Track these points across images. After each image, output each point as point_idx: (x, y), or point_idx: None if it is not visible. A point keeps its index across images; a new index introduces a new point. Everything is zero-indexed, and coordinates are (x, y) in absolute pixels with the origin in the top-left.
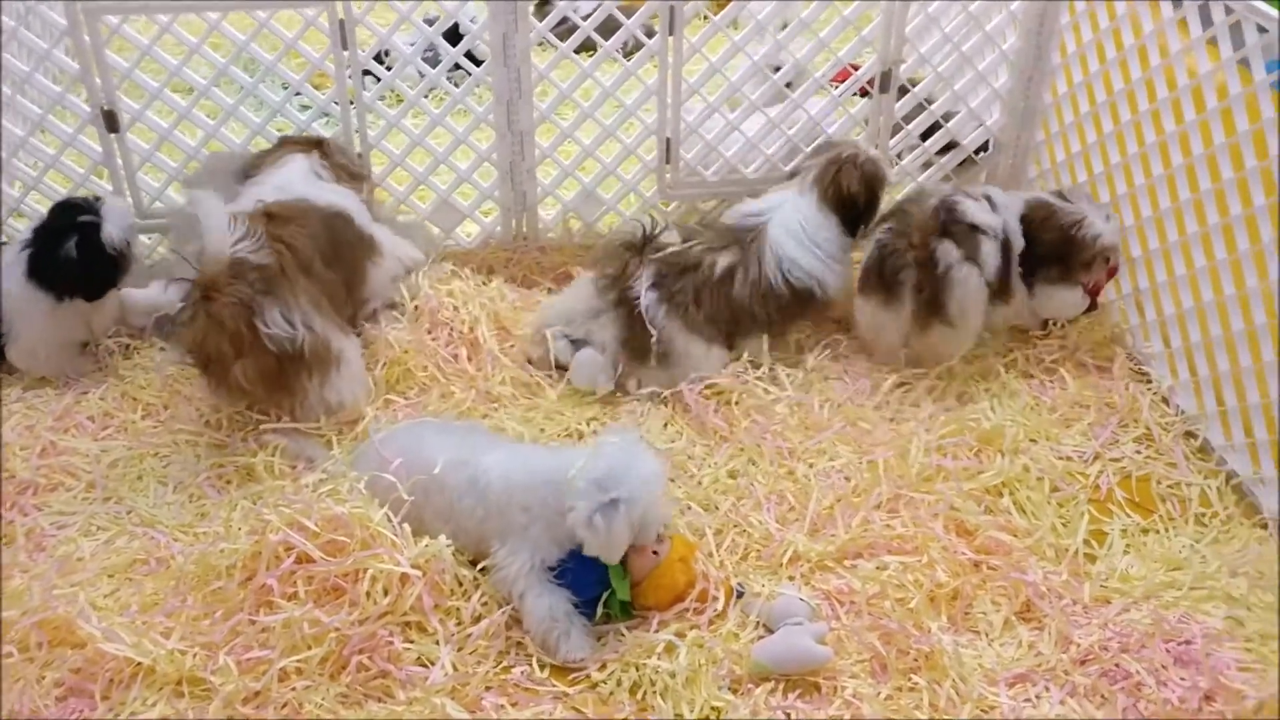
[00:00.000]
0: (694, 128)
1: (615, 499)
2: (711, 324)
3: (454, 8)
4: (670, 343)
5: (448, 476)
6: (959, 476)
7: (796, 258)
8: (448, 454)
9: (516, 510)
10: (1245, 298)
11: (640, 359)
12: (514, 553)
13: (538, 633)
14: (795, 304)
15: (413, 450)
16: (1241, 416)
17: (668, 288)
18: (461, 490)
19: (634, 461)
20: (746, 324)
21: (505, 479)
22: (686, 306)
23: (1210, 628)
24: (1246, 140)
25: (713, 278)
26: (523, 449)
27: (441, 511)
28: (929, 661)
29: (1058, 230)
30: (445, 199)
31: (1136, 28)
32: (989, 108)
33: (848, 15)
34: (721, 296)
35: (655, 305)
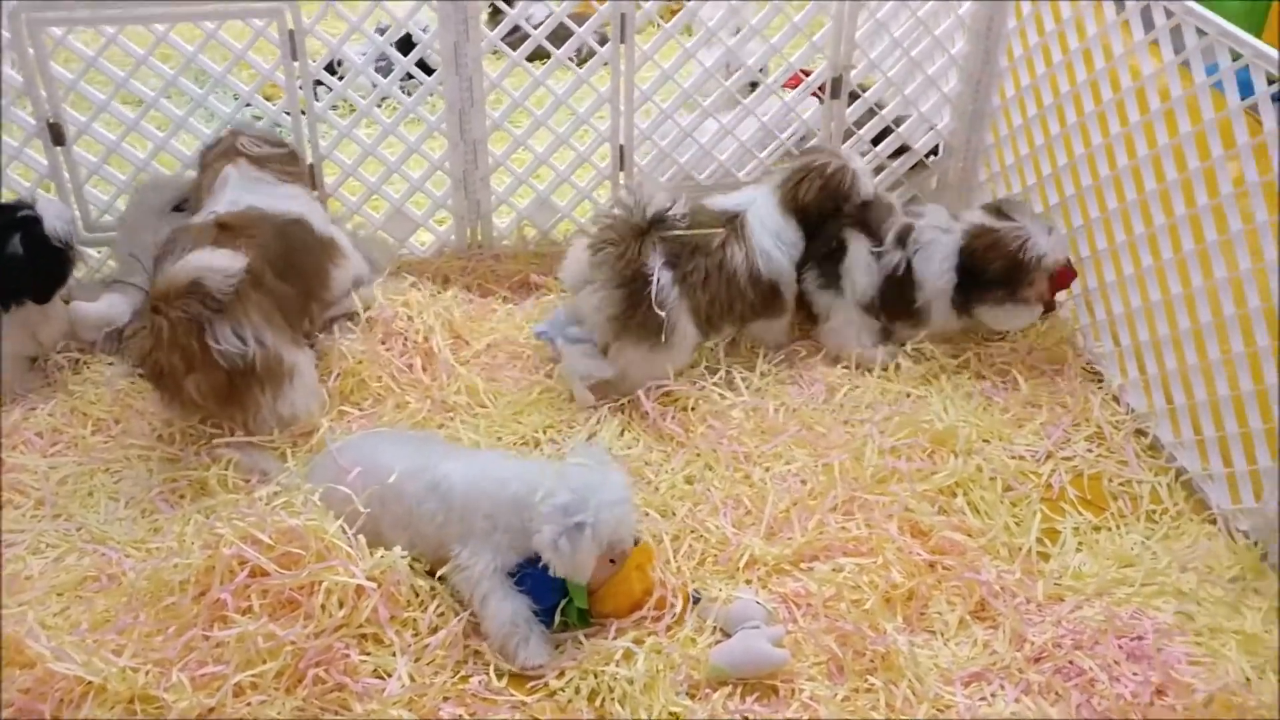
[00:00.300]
0: (647, 134)
1: (581, 523)
2: (711, 306)
3: (405, 16)
4: (675, 323)
5: (405, 484)
6: (913, 478)
7: (769, 251)
8: (404, 463)
9: (479, 516)
10: (1191, 297)
11: (628, 337)
12: (476, 554)
13: (498, 637)
14: (767, 295)
15: (369, 460)
16: (1190, 414)
17: (682, 269)
18: (421, 496)
19: (600, 484)
20: (736, 310)
21: (469, 485)
22: (696, 288)
23: (1161, 623)
24: (1189, 141)
25: (721, 260)
26: (485, 455)
27: (399, 519)
28: (885, 662)
29: (1003, 257)
30: (398, 208)
31: (1081, 31)
32: (939, 112)
33: (798, 21)
34: (724, 280)
35: (669, 286)
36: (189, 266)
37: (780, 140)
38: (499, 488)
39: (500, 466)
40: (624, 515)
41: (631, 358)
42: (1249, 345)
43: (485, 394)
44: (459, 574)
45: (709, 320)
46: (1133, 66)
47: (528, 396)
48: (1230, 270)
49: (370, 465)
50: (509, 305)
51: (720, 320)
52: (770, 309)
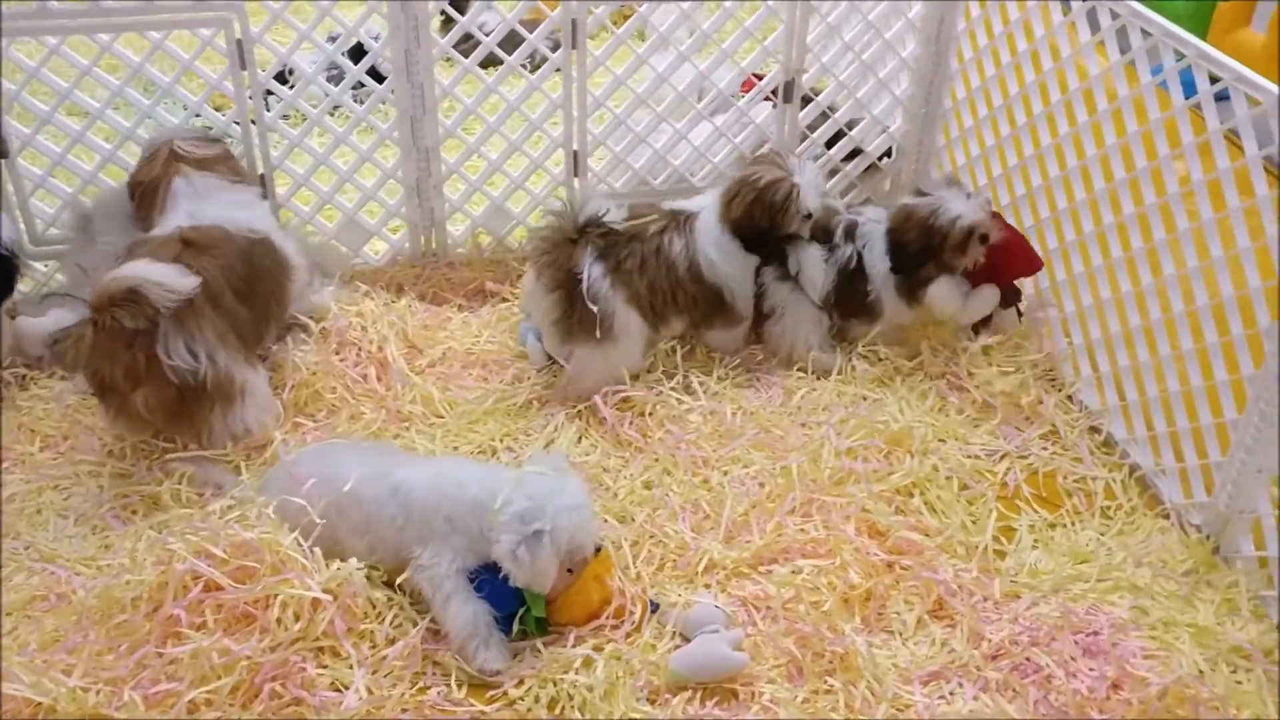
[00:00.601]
0: (601, 139)
1: (539, 530)
2: (651, 294)
3: (355, 24)
4: (612, 314)
5: (364, 490)
6: (870, 478)
7: (712, 257)
8: (362, 470)
9: (439, 518)
10: (1141, 294)
11: (573, 338)
12: (438, 554)
13: (458, 639)
14: (714, 300)
15: (325, 470)
16: (1142, 410)
17: (614, 257)
18: (381, 500)
19: (557, 491)
20: (679, 302)
21: (429, 488)
22: (633, 274)
23: (1116, 618)
24: (1136, 141)
25: (659, 246)
26: (444, 460)
27: (358, 525)
28: (844, 663)
29: (917, 227)
30: (351, 217)
31: (1029, 33)
32: (892, 114)
33: (749, 25)
34: (662, 266)
35: (599, 279)
36: (125, 275)
37: (734, 145)
38: (459, 490)
39: (460, 470)
40: (582, 522)
41: (581, 357)
42: (1198, 341)
43: (441, 403)
44: (422, 574)
45: (653, 308)
46: (1080, 67)
47: (483, 405)
48: (1178, 267)
49: (326, 475)
50: (464, 313)
51: (664, 308)
52: (720, 316)
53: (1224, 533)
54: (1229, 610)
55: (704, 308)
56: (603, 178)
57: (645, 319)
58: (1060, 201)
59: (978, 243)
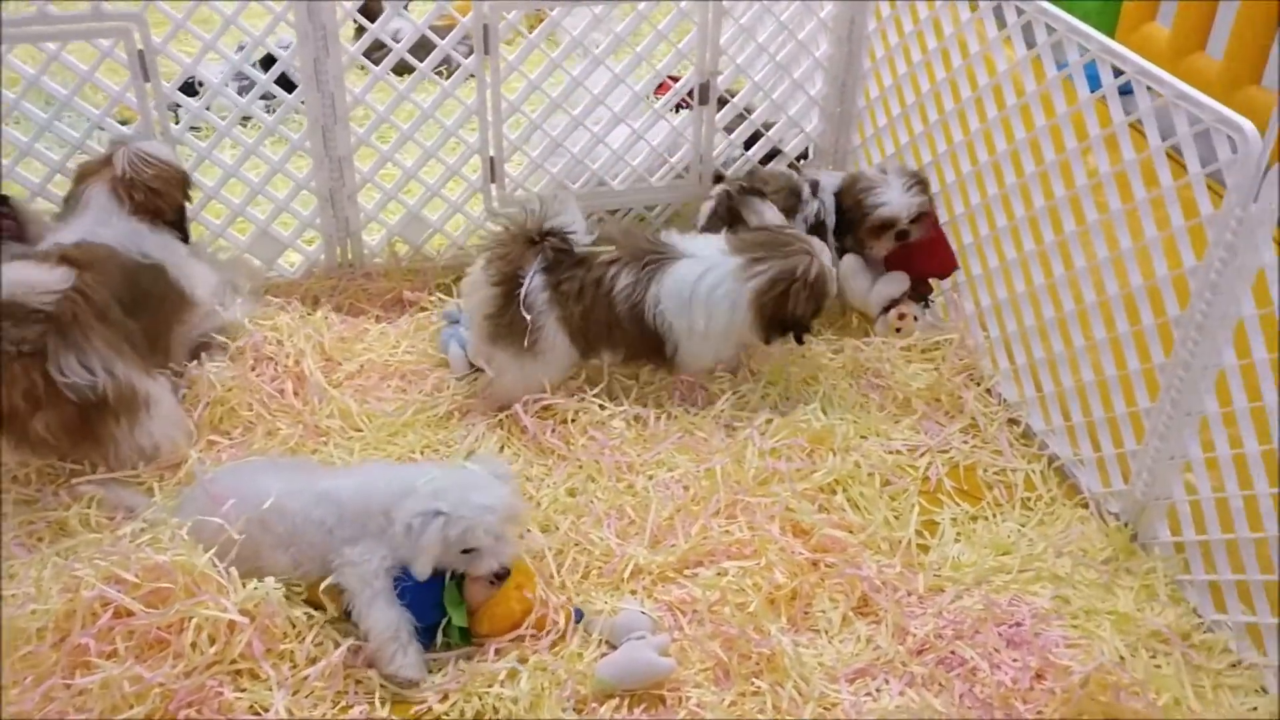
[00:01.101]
0: (518, 145)
1: (439, 510)
2: (585, 322)
3: (261, 33)
4: (541, 329)
5: (288, 502)
6: (793, 478)
7: (669, 311)
8: (283, 484)
9: (374, 514)
10: (1054, 286)
11: (499, 341)
12: (370, 551)
13: (377, 641)
14: (654, 345)
15: (244, 488)
16: (1059, 401)
17: (557, 275)
18: (308, 507)
19: (477, 486)
20: (614, 338)
21: (360, 487)
22: (570, 299)
23: (1038, 608)
24: (1045, 135)
25: (600, 278)
26: (372, 465)
27: (282, 538)
28: (770, 664)
29: (853, 197)
30: (264, 229)
31: (939, 31)
32: (807, 114)
33: (662, 29)
34: (600, 299)
35: (539, 290)
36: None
37: (651, 148)
38: (392, 482)
39: (392, 469)
40: (486, 522)
41: (502, 362)
42: (1111, 331)
43: (359, 416)
44: (351, 571)
45: (585, 337)
46: (989, 64)
47: (402, 417)
48: (1089, 259)
49: (246, 492)
50: (382, 324)
51: (598, 342)
52: (656, 357)
53: (1141, 520)
54: (1147, 596)
55: (638, 346)
56: (520, 183)
57: (574, 343)
58: (974, 197)
59: (892, 236)
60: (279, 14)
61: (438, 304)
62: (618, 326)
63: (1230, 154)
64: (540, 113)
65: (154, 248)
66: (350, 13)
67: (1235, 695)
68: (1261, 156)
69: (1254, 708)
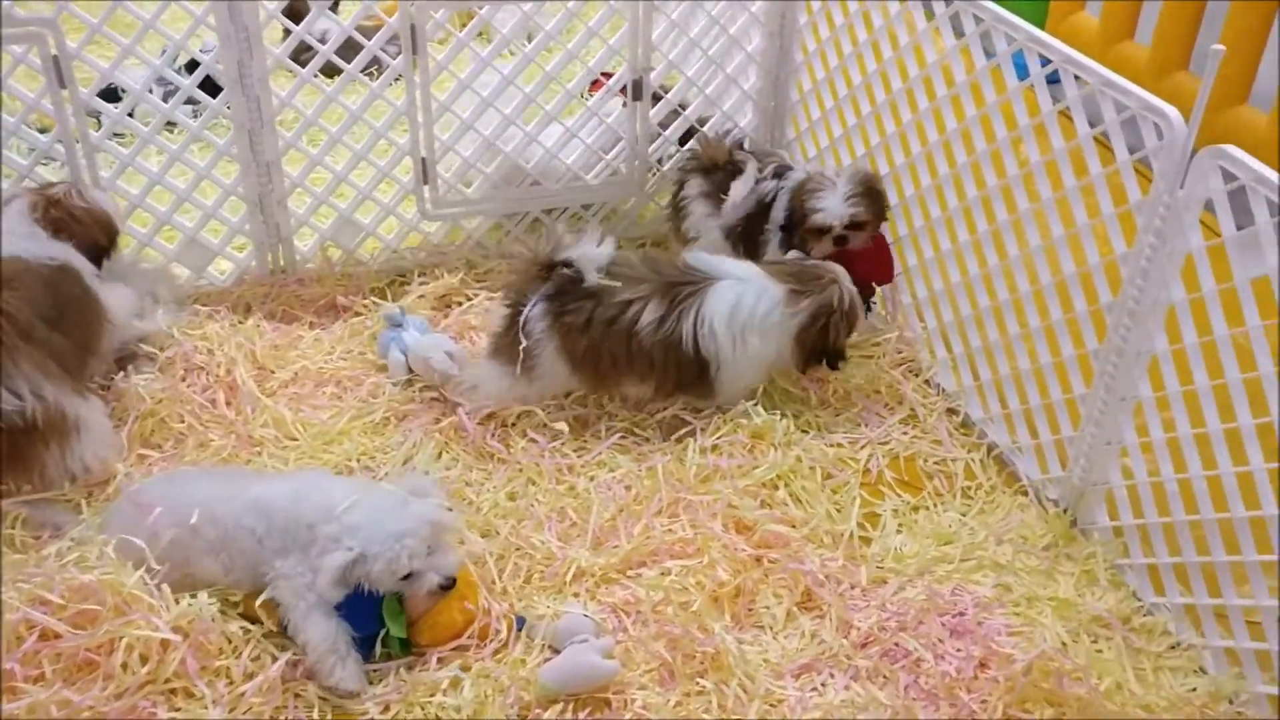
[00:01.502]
0: (449, 145)
1: (349, 548)
2: (594, 356)
3: (182, 37)
4: (537, 356)
5: (218, 509)
6: (735, 474)
7: (719, 332)
8: (214, 491)
9: (303, 527)
10: (989, 276)
11: (497, 355)
12: (302, 563)
13: (315, 653)
14: (691, 370)
15: (172, 496)
16: (996, 389)
17: (560, 304)
18: (239, 514)
19: (391, 512)
20: (638, 369)
21: (293, 497)
22: (574, 331)
23: (981, 597)
24: (975, 125)
25: (618, 316)
26: (305, 472)
27: (213, 544)
28: (715, 662)
29: (798, 197)
30: (193, 237)
31: (869, 23)
32: (741, 109)
33: (593, 25)
34: (617, 334)
35: (538, 318)
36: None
37: (586, 145)
38: (322, 498)
39: (323, 480)
40: (406, 548)
41: (489, 370)
42: (1045, 319)
43: (293, 425)
44: (284, 584)
45: (594, 370)
46: (919, 55)
47: (338, 425)
48: (1022, 247)
49: (174, 501)
50: (315, 331)
51: (615, 375)
52: (694, 386)
53: (1079, 505)
54: (1088, 581)
55: (674, 381)
56: (453, 184)
57: (578, 374)
58: (908, 189)
59: (829, 241)
60: (199, 16)
61: (372, 308)
62: (642, 359)
63: (1156, 140)
64: (471, 112)
65: (61, 252)
66: (274, 14)
67: (1175, 676)
68: (1187, 142)
69: (1193, 688)
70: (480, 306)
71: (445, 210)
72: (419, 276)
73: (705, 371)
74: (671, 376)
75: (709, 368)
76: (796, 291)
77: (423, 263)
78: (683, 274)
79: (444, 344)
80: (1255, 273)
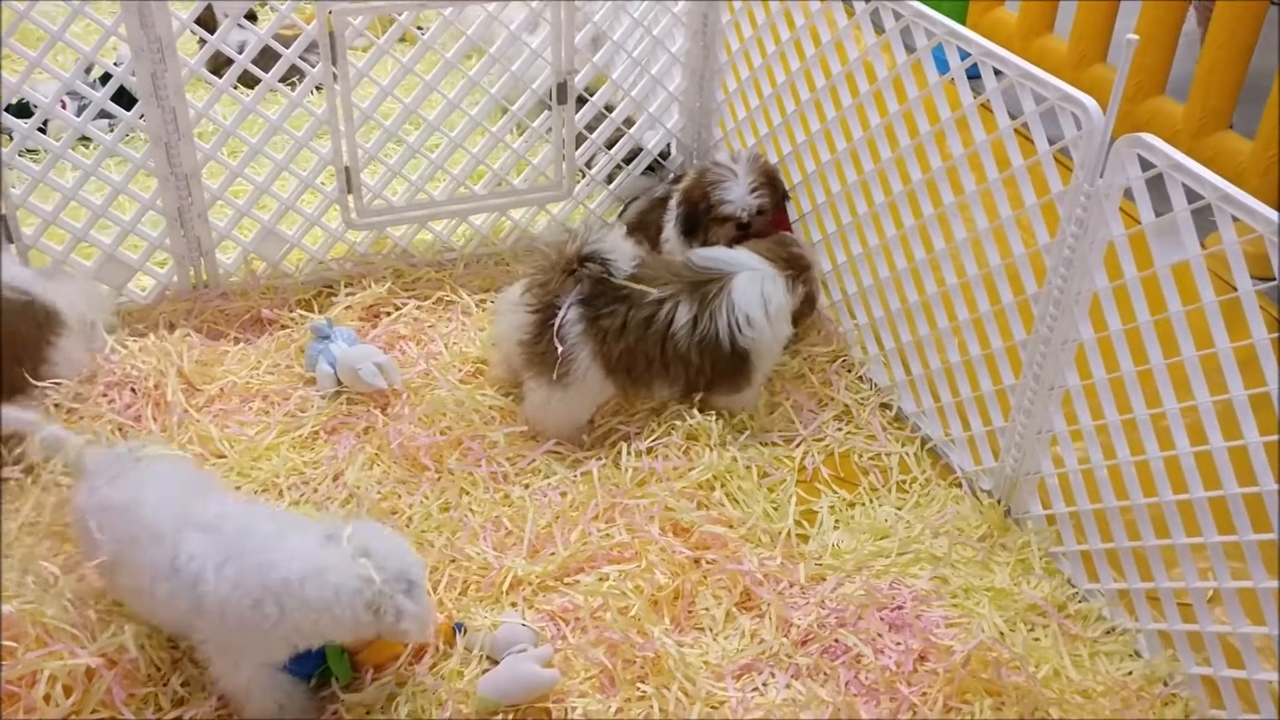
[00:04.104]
0: (372, 153)
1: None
2: (630, 359)
3: (91, 50)
4: (573, 361)
5: (148, 549)
6: (670, 476)
7: (757, 326)
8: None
9: (241, 629)
10: (916, 270)
11: (532, 367)
12: (238, 664)
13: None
14: (730, 366)
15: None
16: (928, 383)
17: (595, 309)
18: (162, 573)
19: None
20: (672, 372)
21: (234, 585)
22: (608, 335)
23: (918, 590)
24: (898, 120)
25: (653, 316)
26: (242, 533)
27: (137, 584)
28: (655, 667)
29: (702, 190)
30: (111, 254)
31: (790, 21)
32: (667, 110)
33: (515, 29)
34: (653, 337)
35: (574, 321)
36: None
37: (513, 150)
38: (263, 575)
39: (262, 548)
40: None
41: (533, 390)
42: (973, 311)
43: (220, 441)
44: (220, 683)
45: (629, 374)
46: (841, 52)
47: (265, 440)
48: (947, 241)
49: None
50: (241, 345)
51: (648, 379)
52: (728, 382)
53: (1013, 495)
54: (1023, 570)
55: (711, 380)
56: (378, 192)
57: (612, 379)
58: (834, 185)
59: (733, 228)
60: (109, 28)
61: (299, 321)
62: (678, 361)
63: (1075, 130)
64: (394, 119)
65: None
66: (186, 24)
67: (1111, 661)
68: (1105, 131)
69: (1129, 672)
70: (409, 315)
71: (370, 219)
72: (346, 287)
73: (741, 365)
74: (706, 374)
75: (745, 360)
76: (792, 272)
77: (349, 273)
78: (700, 272)
79: (373, 355)
80: (1175, 258)
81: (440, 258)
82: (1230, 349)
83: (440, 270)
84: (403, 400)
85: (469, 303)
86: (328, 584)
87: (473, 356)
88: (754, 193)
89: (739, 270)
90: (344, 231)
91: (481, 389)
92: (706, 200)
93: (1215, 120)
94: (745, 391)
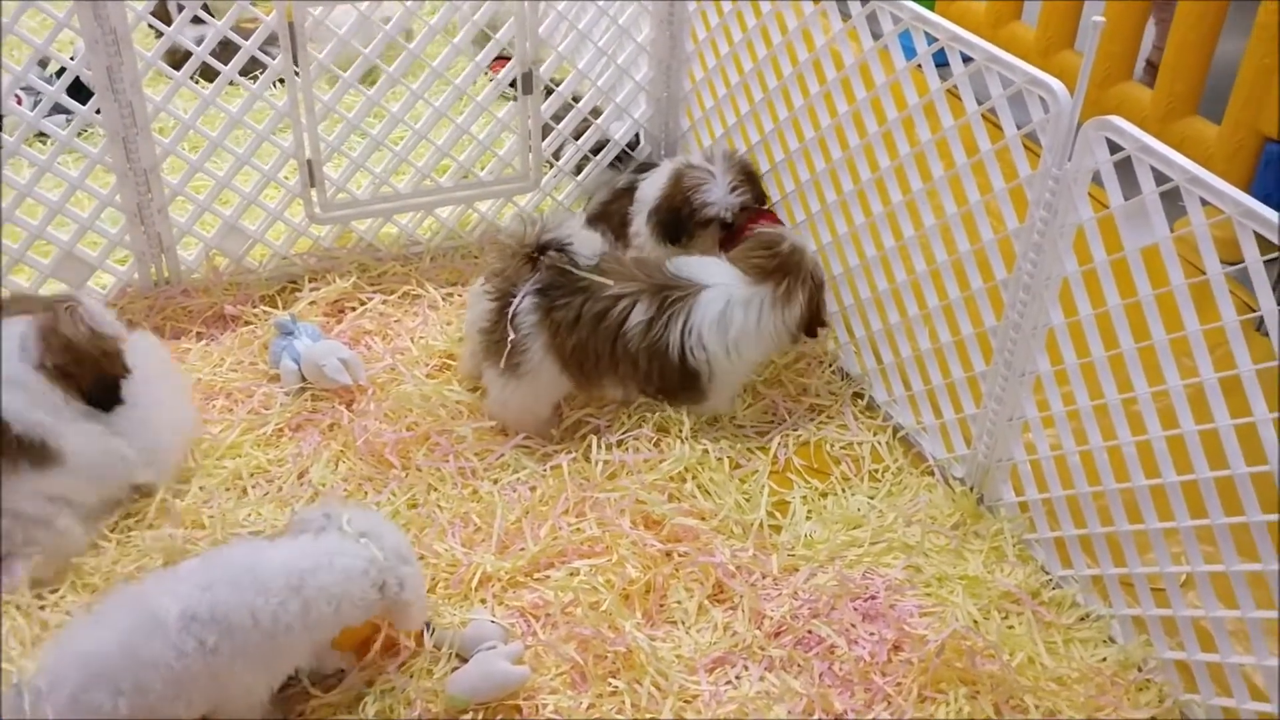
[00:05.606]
0: (335, 146)
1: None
2: (580, 354)
3: (43, 43)
4: (524, 350)
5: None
6: (641, 469)
7: (710, 344)
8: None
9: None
10: (886, 258)
11: (490, 356)
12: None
13: None
14: (679, 377)
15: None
16: (899, 371)
17: (550, 299)
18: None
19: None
20: (623, 371)
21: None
22: (561, 327)
23: (892, 579)
24: (866, 107)
25: (605, 310)
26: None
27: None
28: (627, 661)
29: (682, 195)
30: (69, 251)
31: (757, 9)
32: (634, 100)
33: (477, 19)
34: (601, 333)
35: (528, 311)
36: None
37: (479, 141)
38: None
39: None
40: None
41: (491, 381)
42: (943, 298)
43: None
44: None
45: (580, 368)
46: (808, 39)
47: (229, 437)
48: (917, 228)
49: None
50: (204, 342)
51: (598, 376)
52: (684, 393)
53: (985, 483)
54: (996, 558)
55: (662, 386)
56: (341, 185)
57: (567, 372)
58: (803, 173)
59: (718, 227)
60: (61, 19)
61: (262, 317)
62: (628, 362)
63: (1043, 114)
64: (357, 111)
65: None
66: (142, 15)
67: (1085, 648)
68: (1072, 115)
69: (1103, 658)
70: (374, 310)
71: (334, 213)
72: (310, 282)
73: (692, 380)
74: (655, 382)
75: (698, 376)
76: (782, 286)
77: (313, 268)
78: (670, 279)
79: (338, 350)
80: (1144, 241)
81: (406, 251)
82: (1200, 332)
83: (406, 264)
84: (368, 396)
85: (435, 297)
86: (337, 568)
87: (439, 351)
88: (735, 191)
89: (707, 286)
90: (307, 226)
91: (449, 384)
92: (688, 205)
93: (1182, 105)
94: (705, 404)
